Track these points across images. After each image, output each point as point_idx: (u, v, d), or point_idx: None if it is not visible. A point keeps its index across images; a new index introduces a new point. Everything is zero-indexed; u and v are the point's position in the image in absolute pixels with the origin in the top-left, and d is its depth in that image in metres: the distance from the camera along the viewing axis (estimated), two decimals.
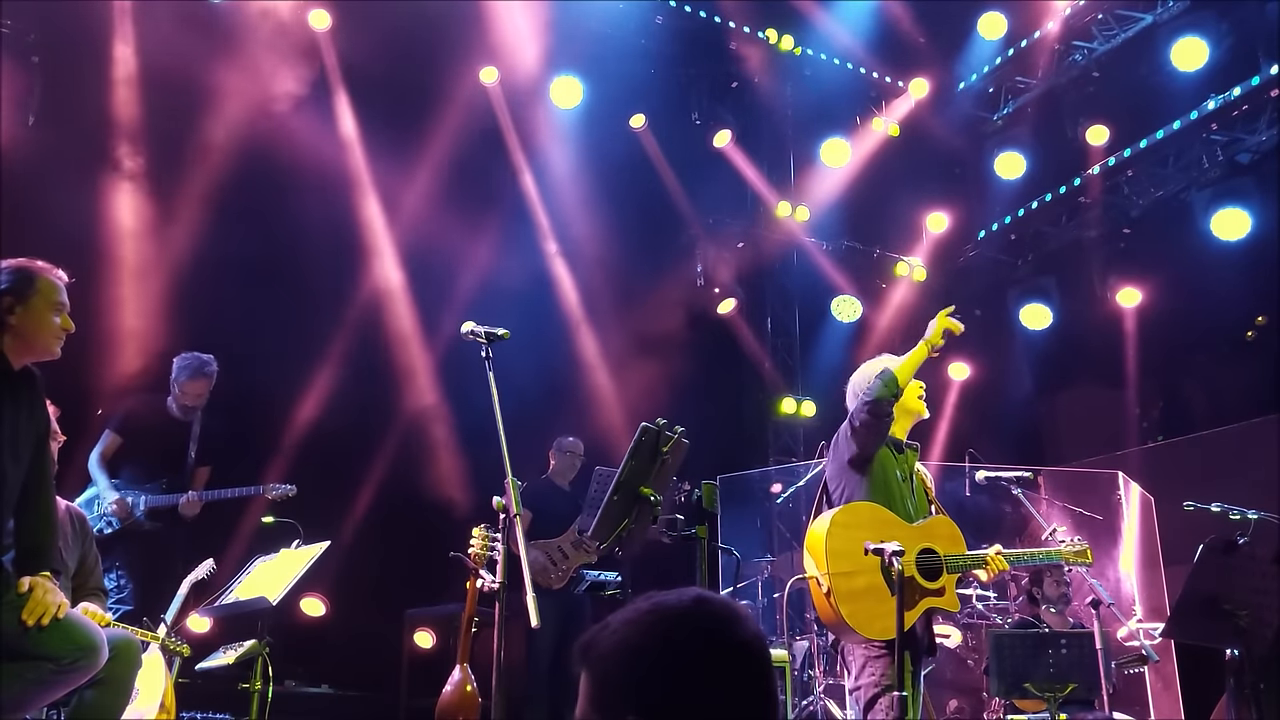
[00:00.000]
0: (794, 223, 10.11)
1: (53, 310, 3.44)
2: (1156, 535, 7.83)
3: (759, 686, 1.61)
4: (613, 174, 8.95)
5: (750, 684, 1.60)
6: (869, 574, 4.11)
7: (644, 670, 1.57)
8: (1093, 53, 9.34)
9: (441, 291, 8.32)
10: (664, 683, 1.56)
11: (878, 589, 4.09)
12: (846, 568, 4.11)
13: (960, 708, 6.68)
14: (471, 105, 8.73)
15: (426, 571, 7.19)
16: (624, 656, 1.59)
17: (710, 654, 1.58)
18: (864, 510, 4.29)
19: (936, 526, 4.36)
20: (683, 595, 1.63)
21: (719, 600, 1.66)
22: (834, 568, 4.11)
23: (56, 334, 3.46)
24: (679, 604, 1.62)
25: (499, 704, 3.79)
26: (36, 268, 3.47)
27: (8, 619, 3.22)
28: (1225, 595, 4.17)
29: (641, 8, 8.96)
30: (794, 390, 10.20)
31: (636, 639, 1.59)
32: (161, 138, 7.59)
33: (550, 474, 7.34)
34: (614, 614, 1.64)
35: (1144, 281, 9.54)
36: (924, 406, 4.65)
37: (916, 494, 4.48)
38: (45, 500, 3.53)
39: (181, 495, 6.11)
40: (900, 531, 4.22)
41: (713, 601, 1.64)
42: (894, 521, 4.26)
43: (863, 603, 4.08)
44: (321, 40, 8.16)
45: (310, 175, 7.92)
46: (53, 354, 3.49)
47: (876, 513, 4.28)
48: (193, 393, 6.28)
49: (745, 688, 1.59)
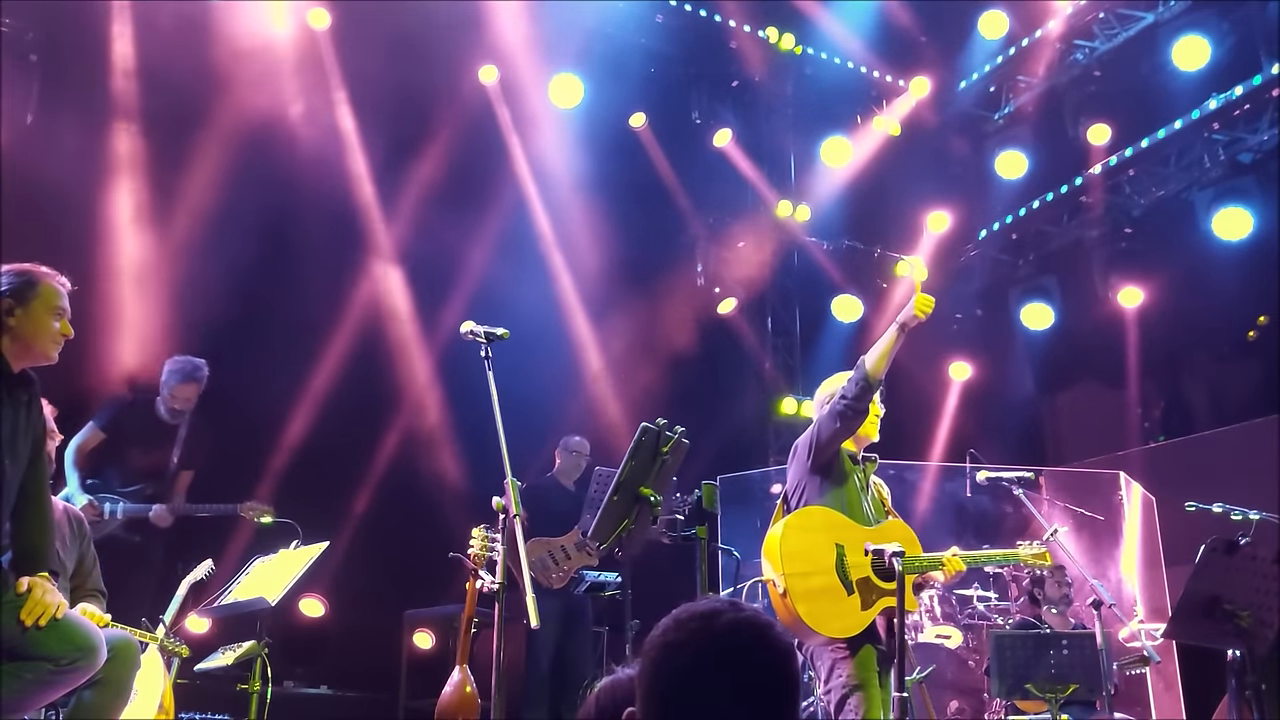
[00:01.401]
0: (794, 222, 10.09)
1: (52, 315, 3.46)
2: (1158, 535, 7.83)
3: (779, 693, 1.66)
4: (613, 173, 8.94)
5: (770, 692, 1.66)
6: (824, 574, 4.17)
7: (673, 671, 1.65)
8: (1094, 52, 9.33)
9: (441, 290, 8.31)
10: (687, 685, 1.63)
11: (833, 589, 4.16)
12: (802, 568, 4.16)
13: (961, 708, 6.66)
14: (471, 104, 8.73)
15: (426, 572, 7.18)
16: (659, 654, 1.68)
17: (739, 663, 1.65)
18: (818, 514, 4.33)
19: (892, 530, 4.39)
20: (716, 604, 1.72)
21: (752, 610, 1.72)
22: (789, 569, 4.15)
23: (55, 338, 3.48)
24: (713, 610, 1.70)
25: (499, 704, 3.78)
26: (39, 273, 3.49)
27: (6, 620, 3.21)
28: (1227, 596, 4.16)
29: (641, 7, 8.95)
30: (794, 390, 10.19)
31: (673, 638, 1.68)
32: (161, 137, 7.58)
33: (555, 472, 7.34)
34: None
35: (1145, 281, 9.53)
36: (875, 430, 4.58)
37: (873, 504, 4.49)
38: (43, 501, 3.53)
39: (153, 507, 6.06)
40: (855, 533, 4.27)
41: (745, 609, 1.71)
42: (848, 524, 4.29)
43: (819, 602, 4.12)
44: (321, 39, 8.15)
45: (310, 174, 7.91)
46: (50, 359, 3.50)
47: (830, 516, 4.31)
48: (182, 396, 6.25)
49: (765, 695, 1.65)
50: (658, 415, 4.14)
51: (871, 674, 4.14)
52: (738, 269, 10.16)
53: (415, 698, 7.13)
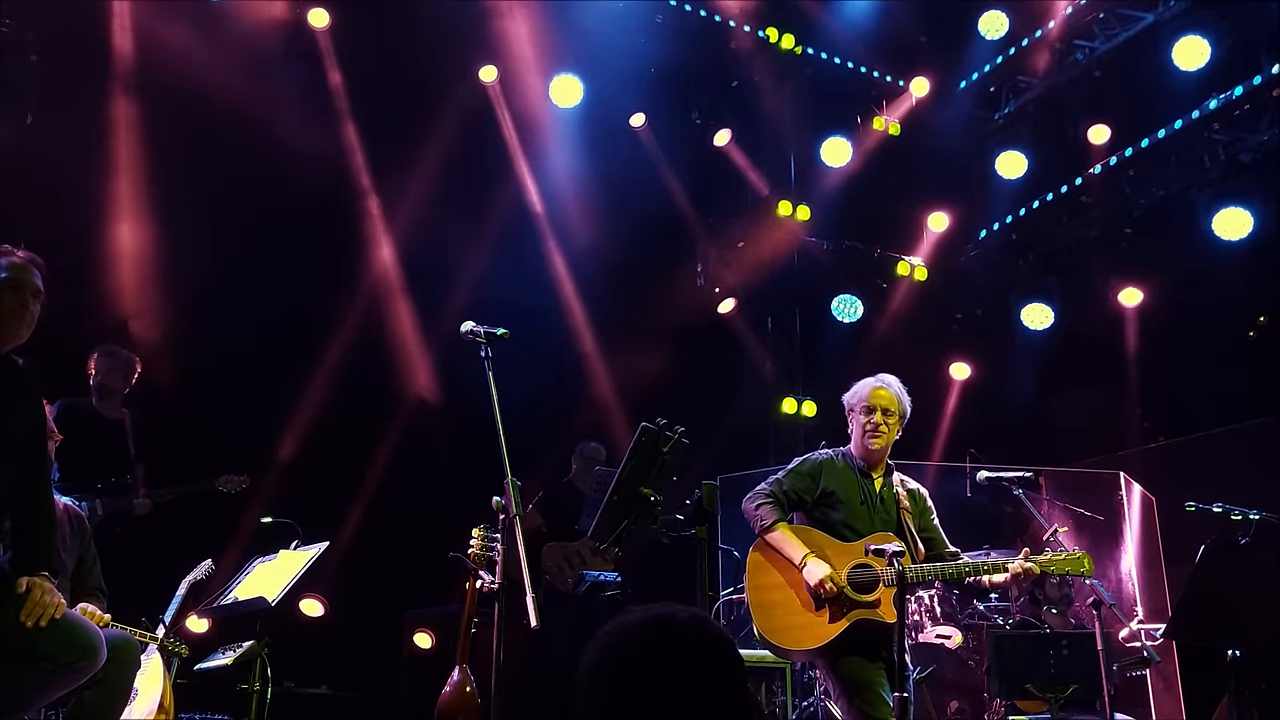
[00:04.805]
0: (794, 222, 10.08)
1: (8, 291, 3.36)
2: (1158, 536, 7.83)
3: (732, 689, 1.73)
4: (613, 173, 8.94)
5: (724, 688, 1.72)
6: (782, 589, 4.27)
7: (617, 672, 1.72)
8: (1094, 52, 9.32)
9: (441, 290, 8.31)
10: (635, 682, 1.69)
11: (790, 602, 4.24)
12: (761, 582, 4.30)
13: (961, 709, 6.66)
14: (471, 104, 8.72)
15: (426, 572, 7.17)
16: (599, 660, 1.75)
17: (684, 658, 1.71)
18: (799, 532, 4.39)
19: (876, 541, 4.34)
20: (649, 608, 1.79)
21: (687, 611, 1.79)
22: (750, 583, 4.31)
23: (18, 314, 3.37)
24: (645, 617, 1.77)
25: (498, 704, 3.78)
26: (3, 250, 3.42)
27: (6, 619, 3.20)
28: (1227, 596, 4.17)
29: (641, 7, 8.94)
30: (794, 390, 10.19)
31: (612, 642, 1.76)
32: (160, 137, 7.58)
33: (572, 478, 7.37)
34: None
35: (1145, 281, 9.52)
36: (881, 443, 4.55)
37: (882, 514, 4.45)
38: (43, 500, 3.51)
39: (134, 498, 6.09)
40: (831, 549, 4.32)
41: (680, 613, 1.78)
42: (825, 542, 4.34)
43: (775, 615, 4.24)
44: (321, 39, 8.15)
45: (310, 174, 7.91)
46: (19, 336, 3.41)
47: (808, 535, 4.37)
48: (104, 370, 6.27)
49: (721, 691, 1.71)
50: (658, 415, 4.14)
51: (867, 674, 4.14)
52: (738, 269, 10.16)
53: (415, 697, 7.12)
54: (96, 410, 6.30)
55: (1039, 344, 10.13)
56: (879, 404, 4.48)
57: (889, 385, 4.55)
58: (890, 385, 4.55)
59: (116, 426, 6.31)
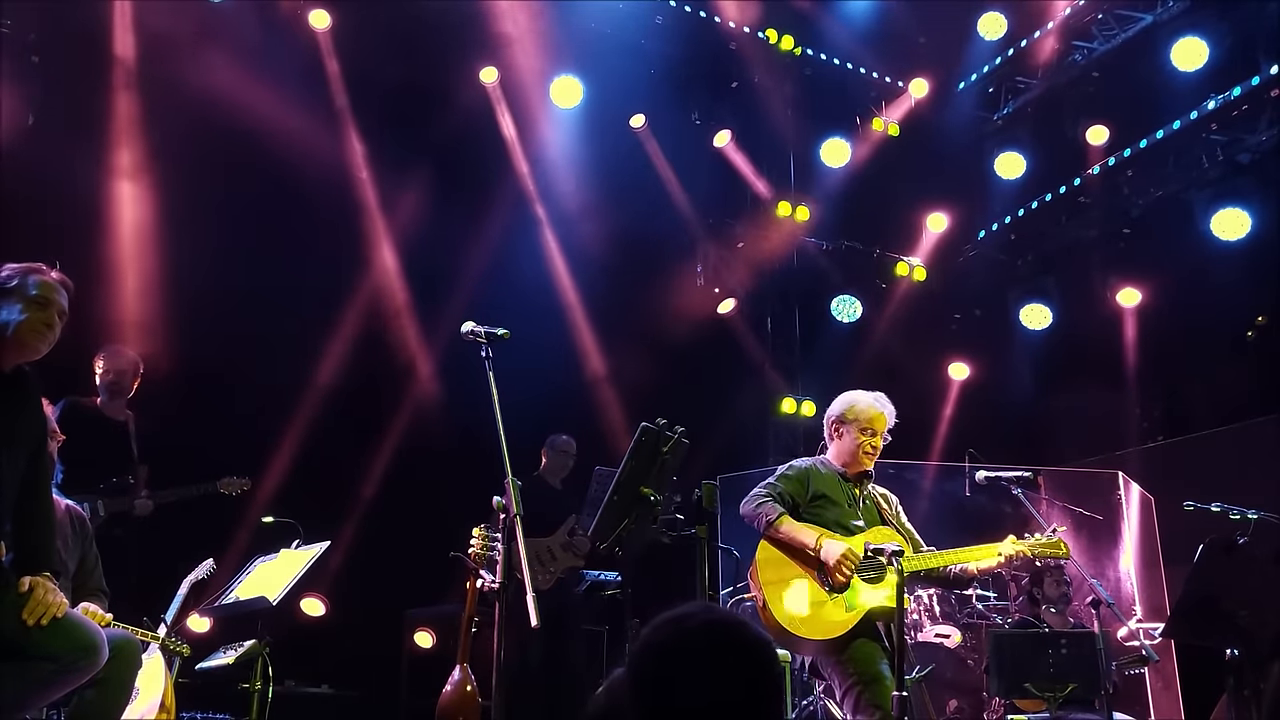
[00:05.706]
0: (794, 223, 10.10)
1: (30, 307, 3.39)
2: (1157, 535, 7.84)
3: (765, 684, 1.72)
4: (613, 174, 8.95)
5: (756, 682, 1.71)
6: (799, 579, 4.33)
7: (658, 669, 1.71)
8: (1093, 53, 9.34)
9: (441, 291, 8.32)
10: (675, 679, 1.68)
11: (809, 592, 4.29)
12: (776, 576, 4.35)
13: (960, 708, 6.67)
14: (471, 105, 8.73)
15: (426, 571, 7.18)
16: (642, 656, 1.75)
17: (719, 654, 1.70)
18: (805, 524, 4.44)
19: (873, 536, 4.43)
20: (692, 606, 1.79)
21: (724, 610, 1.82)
22: (764, 578, 4.34)
23: (36, 331, 3.40)
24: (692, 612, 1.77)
25: (499, 704, 3.79)
26: (13, 267, 3.45)
27: (8, 619, 3.21)
28: (1225, 595, 4.18)
29: (641, 8, 8.96)
30: (794, 390, 10.20)
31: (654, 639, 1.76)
32: (161, 138, 7.58)
33: (542, 471, 7.32)
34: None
35: (1144, 281, 9.54)
36: (869, 461, 4.65)
37: (866, 515, 4.55)
38: (44, 500, 3.52)
39: (134, 499, 6.10)
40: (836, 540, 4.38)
41: (717, 610, 1.80)
42: (828, 535, 4.38)
43: (795, 606, 4.28)
44: (321, 39, 8.15)
45: (310, 174, 7.92)
46: (38, 353, 3.45)
47: (813, 525, 4.41)
48: (114, 369, 6.26)
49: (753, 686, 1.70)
50: (657, 415, 4.15)
51: (876, 667, 4.18)
52: (738, 269, 10.17)
53: (416, 697, 7.12)
54: (101, 410, 6.30)
55: (1038, 344, 10.15)
56: (880, 428, 4.61)
57: (886, 408, 4.65)
58: (887, 407, 4.66)
59: (120, 427, 6.31)
